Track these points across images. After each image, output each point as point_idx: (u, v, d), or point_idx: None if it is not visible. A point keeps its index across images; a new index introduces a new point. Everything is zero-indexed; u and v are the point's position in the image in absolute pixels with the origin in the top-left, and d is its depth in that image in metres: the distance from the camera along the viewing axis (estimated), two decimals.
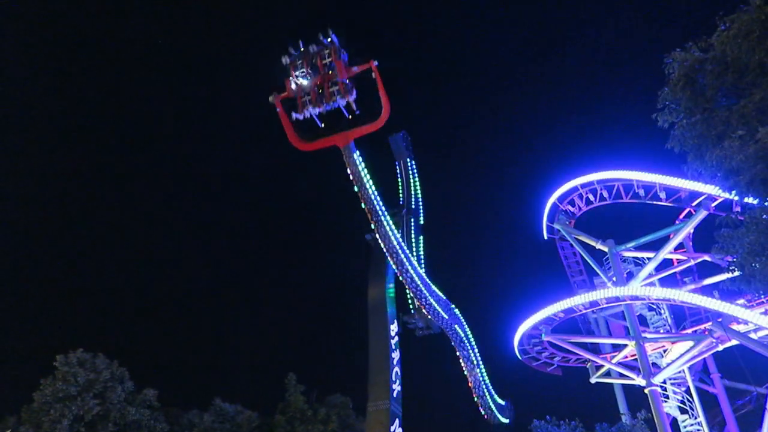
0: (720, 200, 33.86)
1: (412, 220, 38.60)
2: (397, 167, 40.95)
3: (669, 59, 12.79)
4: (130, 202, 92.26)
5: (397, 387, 30.25)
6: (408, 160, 40.85)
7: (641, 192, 36.84)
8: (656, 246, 38.03)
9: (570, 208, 41.24)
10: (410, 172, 40.40)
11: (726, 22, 12.31)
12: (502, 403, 39.02)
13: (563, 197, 40.73)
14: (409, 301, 35.01)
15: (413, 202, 39.05)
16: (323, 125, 26.94)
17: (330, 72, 25.32)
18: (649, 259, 38.39)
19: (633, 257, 41.90)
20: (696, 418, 38.55)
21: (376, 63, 25.85)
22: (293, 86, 25.88)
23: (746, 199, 12.30)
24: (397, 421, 28.28)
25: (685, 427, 38.62)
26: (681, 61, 12.45)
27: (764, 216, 12.24)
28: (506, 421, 38.55)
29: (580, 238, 41.28)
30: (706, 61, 12.18)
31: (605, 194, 38.93)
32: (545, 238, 43.09)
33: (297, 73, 25.49)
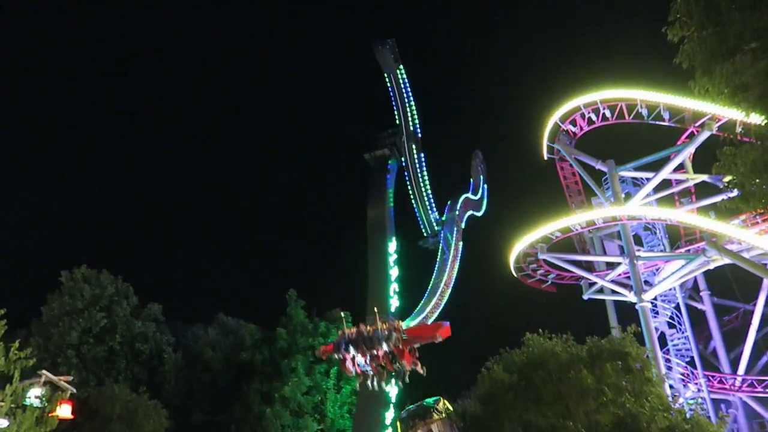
0: (723, 120, 33.44)
1: (413, 146, 37.97)
2: (388, 81, 38.72)
3: None
4: (136, 114, 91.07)
5: (395, 302, 31.08)
6: (398, 72, 38.51)
7: (644, 112, 36.26)
8: (656, 167, 37.89)
9: (571, 128, 40.73)
10: (402, 85, 38.30)
11: None
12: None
13: (565, 117, 40.12)
14: (421, 225, 37.49)
15: (411, 124, 38.21)
16: None
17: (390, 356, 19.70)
18: (648, 179, 38.38)
19: (632, 178, 41.90)
20: (683, 332, 39.93)
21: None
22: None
23: (752, 114, 12.06)
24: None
25: (672, 341, 40.09)
26: None
27: None
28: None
29: (580, 158, 41.07)
30: None
31: (608, 114, 38.32)
32: (545, 158, 42.88)
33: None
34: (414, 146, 37.89)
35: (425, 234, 40.35)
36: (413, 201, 37.97)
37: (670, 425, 18.76)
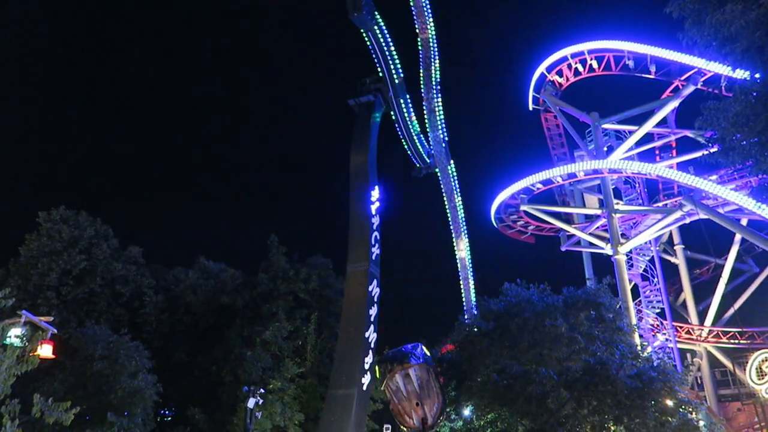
0: (709, 75, 33.42)
1: (402, 101, 37.20)
2: (367, 40, 36.59)
3: None
4: (121, 57, 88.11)
5: (376, 250, 31.24)
6: (377, 28, 36.20)
7: (631, 64, 36.11)
8: (640, 120, 38.03)
9: (557, 78, 40.45)
10: (383, 40, 36.26)
11: None
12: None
13: (552, 67, 39.80)
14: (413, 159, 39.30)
15: (395, 76, 36.99)
16: None
17: None
18: (631, 132, 38.54)
19: (615, 130, 42.04)
20: (656, 285, 41.04)
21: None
22: None
23: (737, 72, 12.04)
24: (375, 281, 29.55)
25: (644, 293, 41.23)
26: None
27: (754, 89, 12.07)
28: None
29: (565, 109, 41.00)
30: None
31: (594, 65, 38.08)
32: (530, 108, 42.71)
33: None
34: (400, 95, 37.21)
35: (417, 165, 41.92)
36: (403, 141, 38.58)
37: (638, 372, 19.50)
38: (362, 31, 35.21)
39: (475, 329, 23.20)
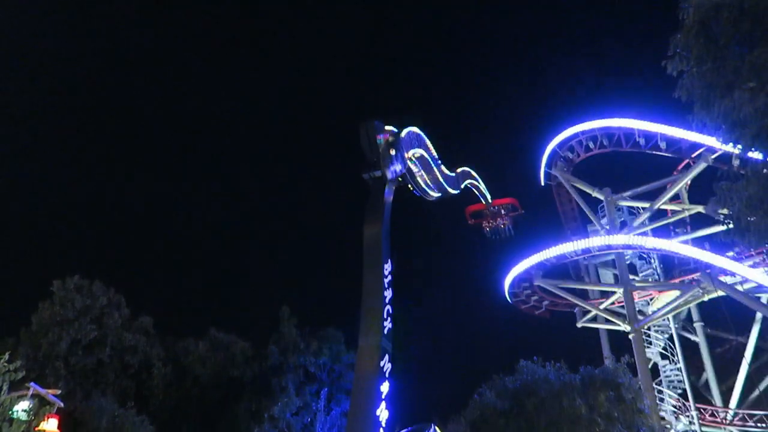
0: (720, 152, 33.74)
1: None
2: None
3: (684, 4, 12.38)
4: (127, 128, 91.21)
5: (388, 324, 30.83)
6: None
7: (641, 141, 36.66)
8: (652, 196, 38.18)
9: (569, 154, 41.07)
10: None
11: None
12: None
13: (563, 144, 40.51)
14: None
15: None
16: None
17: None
18: (644, 208, 38.60)
19: (628, 206, 42.14)
20: (676, 364, 39.81)
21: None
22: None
23: (750, 153, 12.19)
24: (386, 356, 28.97)
25: (665, 371, 39.95)
26: (696, 7, 12.03)
27: (765, 170, 12.18)
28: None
29: (577, 185, 41.34)
30: (722, 7, 11.77)
31: (605, 142, 38.70)
32: (542, 184, 43.14)
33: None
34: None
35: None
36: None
37: None
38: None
39: (491, 408, 22.47)
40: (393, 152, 33.09)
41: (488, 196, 45.52)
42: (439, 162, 36.63)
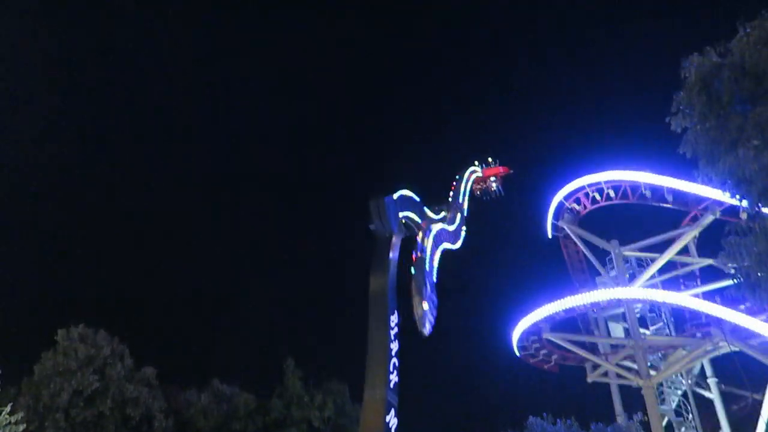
0: (727, 205, 33.72)
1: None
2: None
3: (686, 63, 12.65)
4: (132, 173, 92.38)
5: (394, 378, 30.28)
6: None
7: (648, 193, 36.72)
8: (660, 248, 37.95)
9: (575, 206, 41.14)
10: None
11: (746, 27, 12.16)
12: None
13: (569, 195, 40.63)
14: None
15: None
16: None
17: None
18: (652, 260, 38.33)
19: (636, 258, 41.84)
20: (691, 421, 38.63)
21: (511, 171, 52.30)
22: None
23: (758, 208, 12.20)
24: (392, 410, 28.34)
25: (679, 429, 38.73)
26: (698, 66, 12.30)
27: None
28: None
29: (585, 236, 41.22)
30: (723, 66, 12.03)
31: (612, 194, 38.81)
32: (549, 236, 43.07)
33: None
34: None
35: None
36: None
37: None
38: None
39: None
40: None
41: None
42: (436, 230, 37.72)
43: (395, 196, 33.02)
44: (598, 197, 39.65)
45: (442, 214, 40.81)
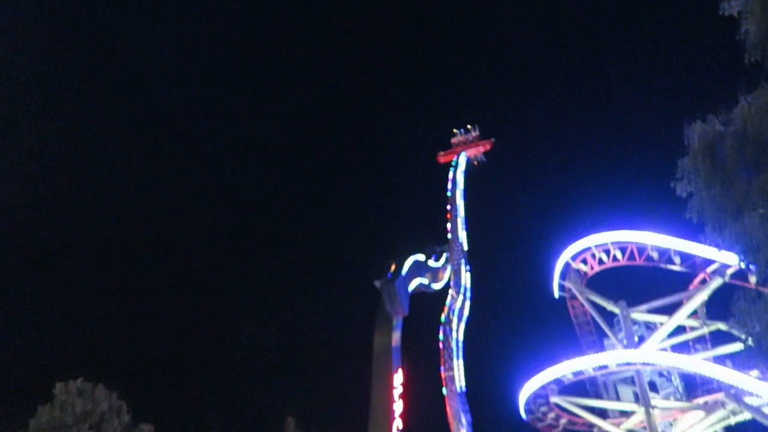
0: (736, 268, 33.44)
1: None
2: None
3: (689, 130, 12.86)
4: (132, 226, 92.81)
5: None
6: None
7: (655, 255, 36.56)
8: (669, 310, 37.44)
9: (582, 266, 40.90)
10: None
11: (747, 97, 12.41)
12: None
13: (576, 255, 40.47)
14: None
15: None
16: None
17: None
18: (661, 323, 37.74)
19: (645, 321, 41.22)
20: None
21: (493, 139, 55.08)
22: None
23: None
24: None
25: None
26: (701, 133, 12.50)
27: None
28: None
29: (592, 297, 40.78)
30: (726, 134, 12.22)
31: (618, 255, 38.66)
32: (556, 296, 42.65)
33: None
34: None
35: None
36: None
37: None
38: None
39: None
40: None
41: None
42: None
43: (406, 266, 34.11)
44: (604, 258, 39.46)
45: (444, 256, 41.58)
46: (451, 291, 42.10)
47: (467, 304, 42.44)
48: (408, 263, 34.74)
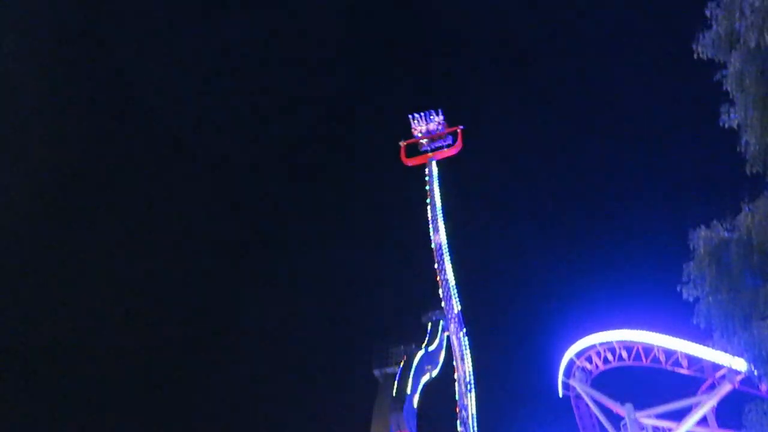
0: (745, 374, 32.57)
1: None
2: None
3: (694, 235, 12.99)
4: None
5: None
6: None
7: (662, 357, 35.78)
8: (678, 415, 36.06)
9: (587, 365, 39.96)
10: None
11: (750, 205, 12.64)
12: None
13: (581, 353, 39.65)
14: None
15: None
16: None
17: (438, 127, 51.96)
18: (669, 429, 36.28)
19: (653, 425, 39.66)
20: None
21: (462, 127, 52.01)
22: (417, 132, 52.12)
23: None
24: None
25: None
26: (706, 239, 12.63)
27: None
28: None
29: (597, 398, 39.52)
30: (731, 241, 12.34)
31: (624, 354, 37.83)
32: (560, 395, 41.41)
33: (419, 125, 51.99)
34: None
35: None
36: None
37: None
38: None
39: None
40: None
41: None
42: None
43: (410, 376, 35.26)
44: (610, 357, 38.61)
45: (439, 334, 41.69)
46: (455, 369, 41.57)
47: (472, 396, 41.46)
48: (414, 366, 35.29)
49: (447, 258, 45.96)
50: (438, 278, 45.07)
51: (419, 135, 52.27)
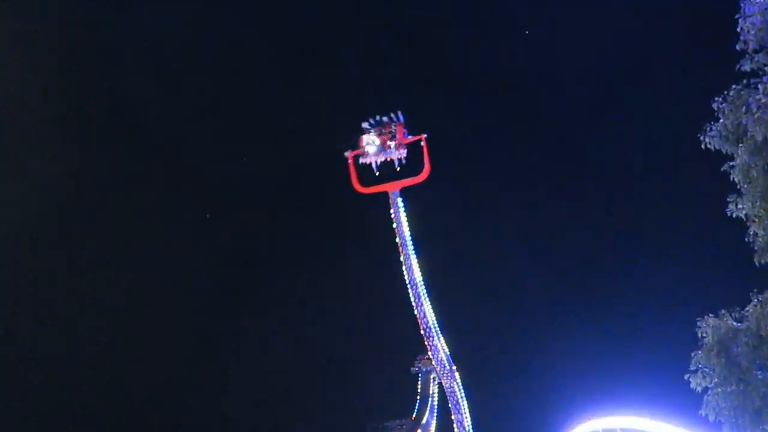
0: None
1: None
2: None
3: (701, 323, 12.87)
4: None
5: None
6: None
7: None
8: None
9: None
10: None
11: (759, 295, 12.58)
12: None
13: None
14: None
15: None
16: (377, 174, 40.65)
17: (391, 135, 40.13)
18: None
19: None
20: None
21: (425, 135, 41.10)
22: (364, 142, 40.45)
23: None
24: None
25: None
26: (714, 328, 12.51)
27: None
28: None
29: None
30: (740, 331, 12.22)
31: None
32: None
33: (370, 136, 40.41)
34: None
35: None
36: None
37: None
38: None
39: None
40: None
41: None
42: None
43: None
44: None
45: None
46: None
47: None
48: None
49: (425, 298, 42.81)
50: (418, 320, 42.86)
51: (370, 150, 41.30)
